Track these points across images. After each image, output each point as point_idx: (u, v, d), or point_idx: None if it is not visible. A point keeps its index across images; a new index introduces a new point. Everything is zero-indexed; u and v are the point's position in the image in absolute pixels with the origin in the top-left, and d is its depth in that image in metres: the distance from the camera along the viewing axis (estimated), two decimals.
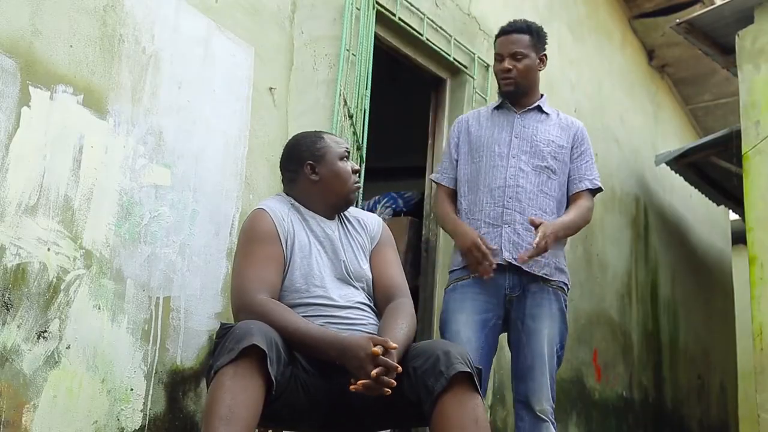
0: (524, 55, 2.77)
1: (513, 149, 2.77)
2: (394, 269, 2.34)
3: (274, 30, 2.95)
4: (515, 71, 2.77)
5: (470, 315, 2.67)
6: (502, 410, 4.05)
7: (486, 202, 2.74)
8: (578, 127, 2.87)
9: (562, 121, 2.85)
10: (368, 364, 1.89)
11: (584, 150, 2.83)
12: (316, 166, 2.30)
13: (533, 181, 2.73)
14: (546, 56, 2.86)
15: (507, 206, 2.71)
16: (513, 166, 2.75)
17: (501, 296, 2.69)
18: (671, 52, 6.36)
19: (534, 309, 2.66)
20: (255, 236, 2.18)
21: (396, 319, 2.15)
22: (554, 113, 2.87)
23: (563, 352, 2.72)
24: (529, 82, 2.81)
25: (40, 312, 2.08)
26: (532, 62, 2.79)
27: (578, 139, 2.84)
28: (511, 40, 2.79)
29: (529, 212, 2.69)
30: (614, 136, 5.62)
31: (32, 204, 2.09)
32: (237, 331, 1.86)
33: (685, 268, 6.83)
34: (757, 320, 4.29)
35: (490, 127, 2.84)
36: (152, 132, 2.46)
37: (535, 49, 2.80)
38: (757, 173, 4.48)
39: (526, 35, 2.79)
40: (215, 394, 1.78)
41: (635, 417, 5.59)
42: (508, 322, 2.72)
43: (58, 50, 2.20)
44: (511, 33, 2.80)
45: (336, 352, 1.95)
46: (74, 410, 2.14)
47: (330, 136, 2.40)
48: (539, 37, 2.83)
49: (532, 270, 2.66)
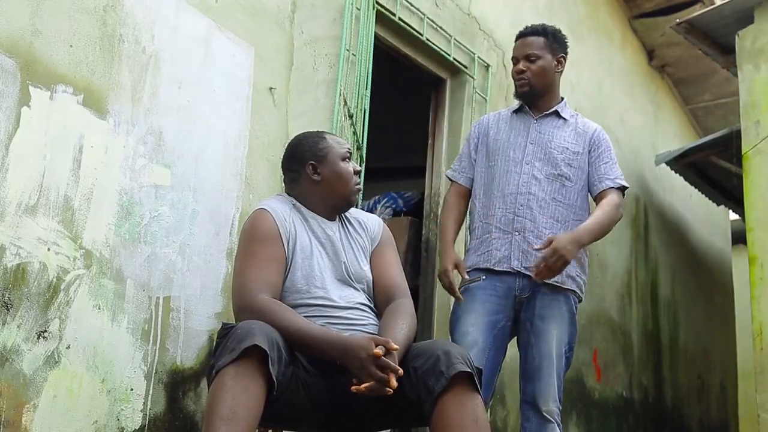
0: (538, 56, 2.76)
1: (527, 155, 2.76)
2: (394, 270, 2.34)
3: (274, 30, 2.95)
4: (529, 72, 2.76)
5: (479, 316, 2.67)
6: (502, 410, 4.05)
7: (498, 207, 2.74)
8: (594, 130, 2.83)
9: (579, 126, 2.82)
10: (370, 365, 1.89)
11: (602, 151, 2.80)
12: (318, 166, 2.30)
13: (546, 189, 2.72)
14: (565, 58, 2.83)
15: (518, 213, 2.71)
16: (526, 173, 2.74)
17: (511, 297, 2.68)
18: (671, 52, 6.36)
19: (543, 310, 2.65)
20: (256, 236, 2.18)
21: (396, 320, 2.15)
22: (573, 118, 2.84)
23: (572, 354, 2.71)
24: (545, 83, 2.79)
25: (40, 312, 2.08)
26: (547, 63, 2.78)
27: (595, 143, 2.80)
28: (526, 43, 2.79)
29: (540, 220, 2.69)
30: (614, 136, 5.62)
31: (32, 204, 2.09)
32: (239, 331, 1.85)
33: (685, 268, 6.83)
34: (757, 320, 4.30)
35: (508, 131, 2.84)
36: (152, 132, 2.46)
37: (551, 51, 2.78)
38: (757, 173, 4.48)
39: (540, 37, 2.78)
40: (216, 394, 1.78)
41: (635, 417, 5.59)
42: (518, 323, 2.72)
43: (58, 50, 2.20)
44: (526, 36, 2.81)
45: (337, 352, 1.95)
46: (74, 410, 2.14)
47: (332, 136, 2.39)
48: (555, 38, 2.81)
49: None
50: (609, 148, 2.83)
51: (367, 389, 1.89)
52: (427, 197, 4.06)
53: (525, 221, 2.69)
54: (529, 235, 2.68)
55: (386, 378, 1.89)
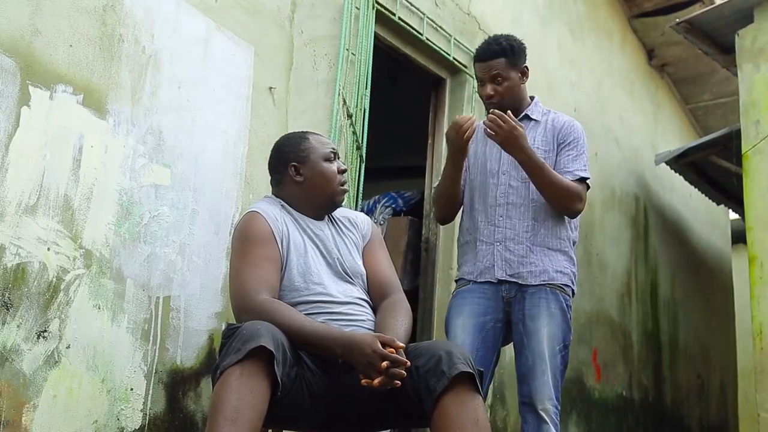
0: (504, 77, 2.76)
1: (503, 165, 2.77)
2: (385, 266, 2.37)
3: (273, 30, 2.95)
4: (498, 95, 2.76)
5: (467, 318, 2.69)
6: (502, 410, 4.05)
7: (481, 220, 2.76)
8: (563, 124, 2.80)
9: (549, 124, 2.81)
10: (377, 361, 1.89)
11: (569, 143, 2.76)
12: (300, 167, 2.31)
13: (523, 194, 2.73)
14: (527, 68, 2.82)
15: (498, 224, 2.73)
16: (503, 183, 2.76)
17: (499, 299, 2.70)
18: (671, 52, 6.36)
19: (532, 309, 2.66)
20: (250, 238, 2.17)
21: (396, 317, 2.18)
22: (545, 116, 2.83)
23: (567, 353, 2.68)
24: (515, 99, 2.79)
25: (40, 312, 2.08)
26: (513, 81, 2.77)
27: (563, 135, 2.78)
28: (489, 66, 2.76)
29: (519, 226, 2.71)
30: (614, 135, 5.62)
31: (32, 204, 2.09)
32: (244, 332, 1.85)
33: (685, 268, 6.83)
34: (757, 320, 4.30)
35: (484, 144, 2.84)
36: (152, 131, 2.46)
37: (514, 68, 2.77)
38: (757, 173, 4.48)
39: (501, 58, 2.76)
40: (221, 394, 1.78)
41: (635, 416, 5.59)
42: (510, 325, 2.72)
43: (58, 50, 2.20)
44: (487, 59, 2.78)
45: (342, 349, 1.95)
46: (74, 410, 2.14)
47: (315, 136, 2.39)
48: (515, 53, 2.78)
49: (528, 282, 2.66)
50: (576, 140, 2.78)
51: (380, 383, 1.89)
52: (427, 197, 4.06)
53: (505, 230, 2.71)
54: (510, 243, 2.70)
55: (397, 373, 1.89)
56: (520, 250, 2.68)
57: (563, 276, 2.71)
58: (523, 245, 2.68)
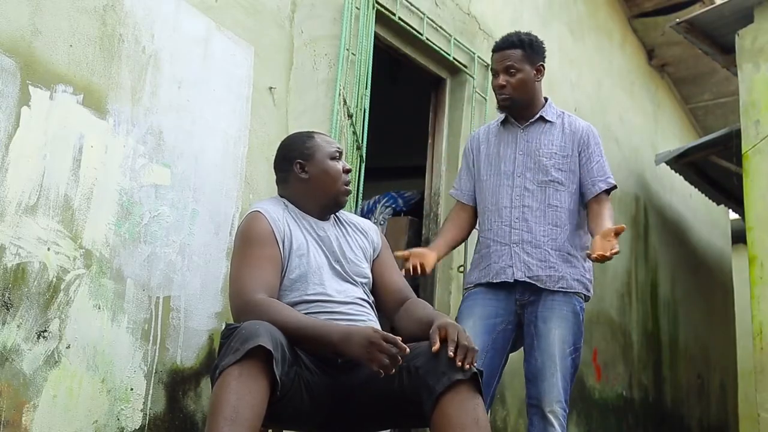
0: (517, 69, 2.75)
1: (518, 167, 2.77)
2: (398, 274, 2.42)
3: (273, 30, 2.95)
4: (509, 87, 2.75)
5: (477, 320, 2.68)
6: (502, 410, 4.05)
7: (494, 221, 2.76)
8: (582, 129, 2.81)
9: (566, 127, 2.80)
10: (378, 339, 1.85)
11: (592, 151, 2.78)
12: (305, 164, 2.31)
13: (539, 197, 2.72)
14: (543, 66, 2.81)
15: (514, 226, 2.72)
16: (518, 185, 2.75)
17: (512, 301, 2.70)
18: (671, 52, 6.36)
19: (545, 312, 2.65)
20: (251, 238, 2.17)
21: (425, 308, 2.24)
22: (559, 118, 2.83)
23: (578, 356, 2.68)
24: (526, 94, 2.78)
25: (40, 312, 2.08)
26: (527, 75, 2.76)
27: (584, 143, 2.79)
28: (504, 56, 2.76)
29: (537, 230, 2.70)
30: (614, 135, 5.62)
31: (32, 204, 2.09)
32: (243, 332, 1.85)
33: (685, 268, 6.83)
34: (757, 320, 4.30)
35: (497, 144, 2.84)
36: (152, 131, 2.46)
37: (529, 62, 2.77)
38: (757, 172, 4.48)
39: (518, 49, 2.76)
40: (220, 394, 1.78)
41: (635, 416, 5.59)
42: (522, 328, 2.72)
43: (58, 50, 2.20)
44: (503, 49, 2.78)
45: (339, 338, 1.92)
46: (74, 410, 2.14)
47: (321, 135, 2.40)
48: (533, 48, 2.79)
49: (547, 286, 2.66)
50: (597, 145, 2.81)
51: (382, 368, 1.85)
52: (427, 197, 4.06)
53: (522, 233, 2.71)
54: (527, 246, 2.69)
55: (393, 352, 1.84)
56: (538, 254, 2.67)
57: (579, 285, 2.72)
58: (542, 249, 2.68)
